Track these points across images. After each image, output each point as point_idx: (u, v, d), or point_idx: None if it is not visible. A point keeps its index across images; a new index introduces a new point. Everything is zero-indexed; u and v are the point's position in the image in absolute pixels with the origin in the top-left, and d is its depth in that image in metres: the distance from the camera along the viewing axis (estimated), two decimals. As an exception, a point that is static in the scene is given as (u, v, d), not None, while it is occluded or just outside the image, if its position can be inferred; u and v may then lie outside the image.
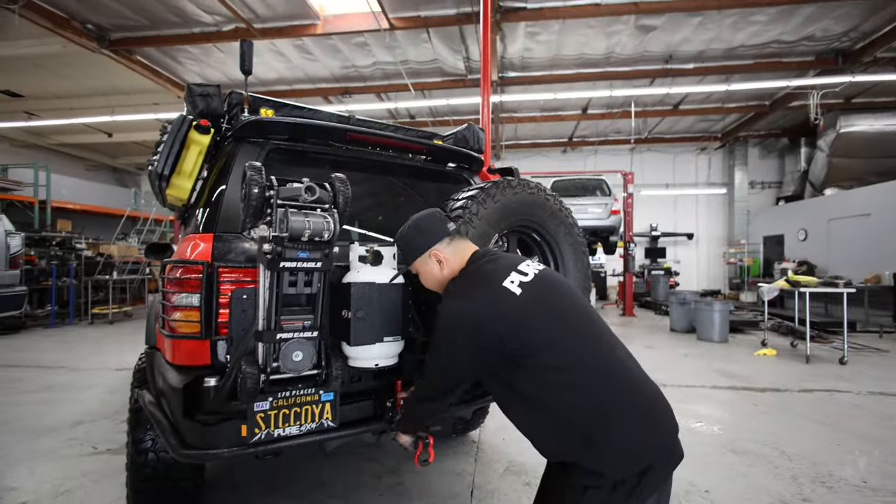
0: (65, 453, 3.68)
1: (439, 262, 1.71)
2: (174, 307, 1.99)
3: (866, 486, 3.25)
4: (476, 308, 1.48)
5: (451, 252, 1.71)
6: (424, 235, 1.73)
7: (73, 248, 12.39)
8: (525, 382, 1.44)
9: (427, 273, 1.76)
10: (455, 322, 1.50)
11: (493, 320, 1.43)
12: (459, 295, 1.57)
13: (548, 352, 1.42)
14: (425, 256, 1.72)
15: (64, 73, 11.36)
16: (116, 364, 6.76)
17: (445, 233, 1.72)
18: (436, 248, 1.71)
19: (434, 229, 1.73)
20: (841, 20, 9.06)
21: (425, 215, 1.78)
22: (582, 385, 1.39)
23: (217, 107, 2.51)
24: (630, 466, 1.32)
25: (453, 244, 1.73)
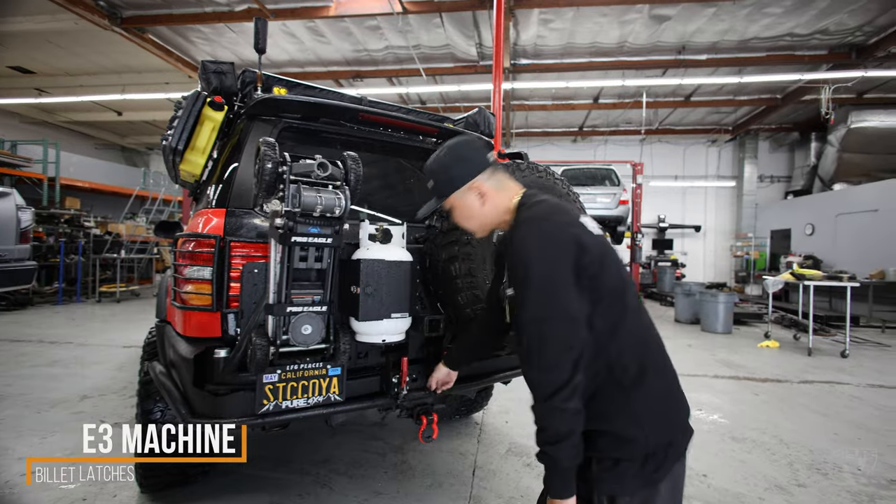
0: (72, 426, 3.75)
1: (481, 196, 1.49)
2: (186, 280, 2.02)
3: (860, 473, 3.32)
4: (566, 220, 1.33)
5: (493, 185, 1.49)
6: (464, 165, 1.50)
7: (81, 225, 12.49)
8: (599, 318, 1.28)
9: (464, 209, 1.53)
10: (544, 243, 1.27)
11: (583, 236, 1.30)
12: (539, 218, 1.34)
13: (612, 294, 1.31)
14: (464, 189, 1.50)
15: (75, 50, 11.34)
16: (123, 341, 6.87)
17: (487, 163, 1.50)
18: (478, 179, 1.48)
19: (475, 158, 1.51)
20: (856, 14, 8.91)
21: (464, 141, 1.56)
22: (632, 336, 1.33)
23: (231, 84, 2.53)
24: (661, 434, 1.28)
25: (496, 177, 1.51)
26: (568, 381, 1.18)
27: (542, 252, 1.26)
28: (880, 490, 3.09)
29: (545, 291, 1.23)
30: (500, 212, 1.50)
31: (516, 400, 4.56)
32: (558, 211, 1.36)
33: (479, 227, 1.57)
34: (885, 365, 6.54)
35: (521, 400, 4.58)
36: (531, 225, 1.32)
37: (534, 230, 1.30)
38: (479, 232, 1.59)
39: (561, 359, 1.20)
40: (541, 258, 1.25)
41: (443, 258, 2.20)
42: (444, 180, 1.52)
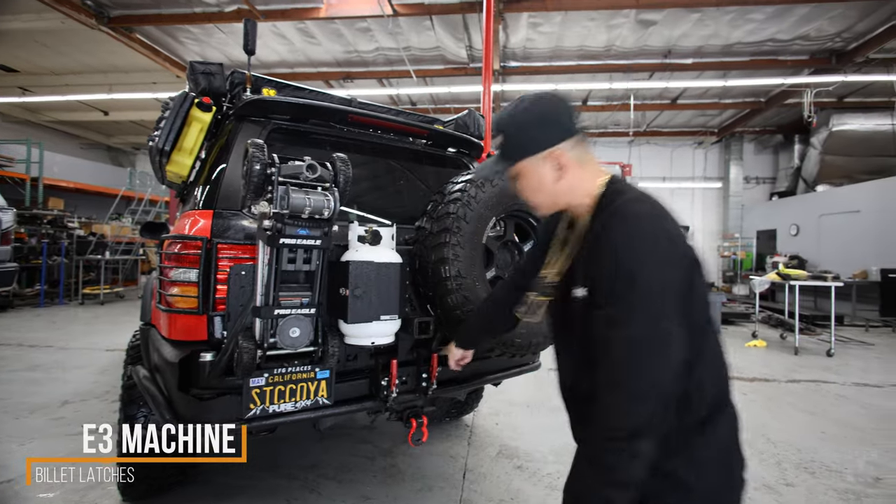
0: (53, 432, 3.68)
1: (559, 169, 1.22)
2: (172, 282, 1.99)
3: (847, 471, 3.36)
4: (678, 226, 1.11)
5: (576, 159, 1.23)
6: (548, 127, 1.22)
7: (64, 226, 12.31)
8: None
9: (535, 180, 1.26)
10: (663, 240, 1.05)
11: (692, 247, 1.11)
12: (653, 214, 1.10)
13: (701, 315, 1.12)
14: (539, 157, 1.23)
15: (61, 49, 11.15)
16: (107, 345, 6.76)
17: (574, 130, 1.22)
18: (561, 147, 1.21)
19: (563, 122, 1.22)
20: (835, 21, 9.09)
21: (551, 98, 1.24)
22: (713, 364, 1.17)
23: (220, 85, 2.51)
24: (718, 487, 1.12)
25: (580, 149, 1.23)
26: (653, 418, 0.98)
27: (657, 260, 1.02)
28: (867, 488, 3.13)
29: (654, 308, 1.00)
30: (577, 193, 1.24)
31: (506, 402, 4.56)
32: (669, 212, 1.13)
33: (547, 205, 1.31)
34: (869, 364, 6.66)
35: (511, 402, 4.58)
36: (641, 223, 1.07)
37: (646, 231, 1.05)
38: (544, 209, 1.34)
39: (655, 389, 0.99)
40: (654, 268, 1.01)
41: (432, 260, 2.19)
42: (518, 142, 1.24)
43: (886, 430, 4.16)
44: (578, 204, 1.26)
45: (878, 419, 4.43)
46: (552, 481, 3.08)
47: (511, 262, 2.63)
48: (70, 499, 2.77)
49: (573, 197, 1.25)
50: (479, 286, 2.24)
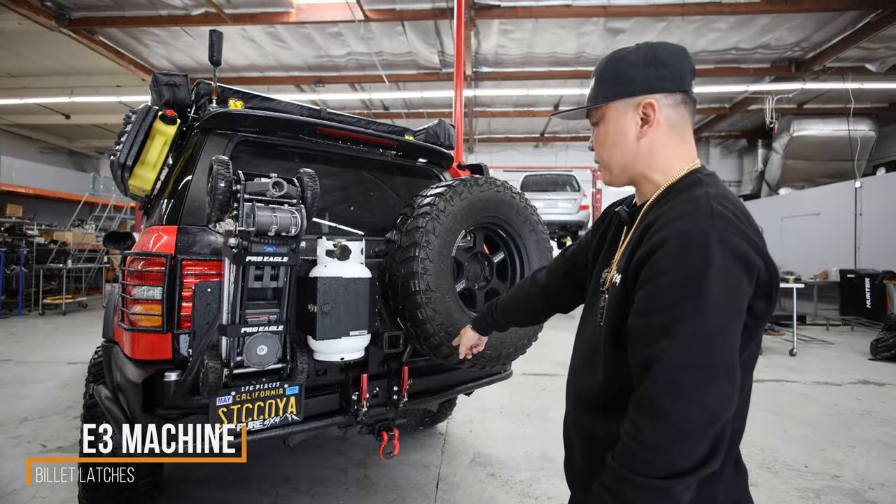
0: (10, 452, 3.53)
1: (645, 124, 1.06)
2: (134, 300, 1.95)
3: (808, 469, 3.46)
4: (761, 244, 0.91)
5: (673, 120, 1.06)
6: (654, 69, 1.05)
7: (23, 234, 11.85)
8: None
9: (616, 129, 1.10)
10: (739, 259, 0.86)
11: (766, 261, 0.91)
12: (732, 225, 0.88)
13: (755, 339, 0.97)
14: (631, 101, 1.07)
15: (17, 50, 10.73)
16: (68, 357, 6.53)
17: (683, 86, 1.06)
18: (658, 96, 1.04)
19: (675, 69, 1.05)
20: (793, 31, 9.46)
21: (669, 45, 1.08)
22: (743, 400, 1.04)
23: (184, 97, 2.47)
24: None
25: (683, 111, 1.07)
26: (701, 464, 0.82)
27: (729, 275, 0.84)
28: (826, 486, 3.23)
29: (715, 336, 0.83)
30: (655, 163, 1.07)
31: (480, 409, 4.58)
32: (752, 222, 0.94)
33: (617, 168, 1.14)
34: (829, 363, 6.87)
35: (485, 409, 4.60)
36: (720, 227, 0.87)
37: (724, 237, 0.86)
38: (614, 173, 1.16)
39: (706, 430, 0.82)
40: (725, 284, 0.83)
41: (402, 273, 2.20)
42: (613, 79, 1.08)
43: (845, 428, 4.29)
44: (651, 181, 1.09)
45: (838, 417, 4.56)
46: (525, 488, 3.10)
47: (481, 273, 2.66)
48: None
49: (649, 167, 1.08)
50: (448, 299, 2.25)
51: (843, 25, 9.13)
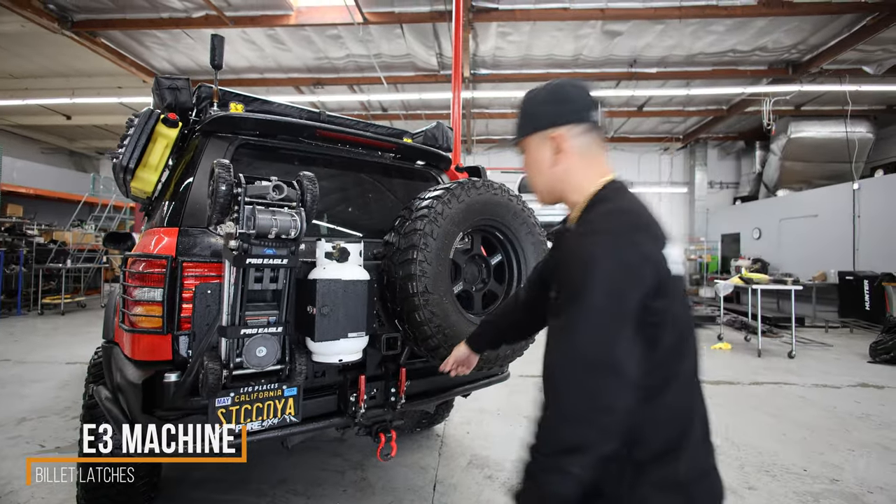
0: (8, 452, 3.54)
1: (556, 153, 1.21)
2: (135, 301, 1.97)
3: (806, 473, 3.46)
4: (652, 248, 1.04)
5: (580, 147, 1.20)
6: (559, 105, 1.22)
7: (23, 234, 11.89)
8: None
9: (534, 159, 1.27)
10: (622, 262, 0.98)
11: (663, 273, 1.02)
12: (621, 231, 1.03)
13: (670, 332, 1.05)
14: (543, 135, 1.23)
15: (20, 52, 10.78)
16: (67, 357, 6.56)
17: (585, 116, 1.20)
18: (564, 129, 1.20)
19: (576, 102, 1.21)
20: (790, 34, 9.49)
21: (573, 83, 1.24)
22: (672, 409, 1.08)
23: (186, 100, 2.49)
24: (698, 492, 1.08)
25: (589, 138, 1.21)
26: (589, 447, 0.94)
27: (611, 281, 0.96)
28: (825, 489, 3.23)
29: (600, 332, 0.95)
30: (571, 185, 1.21)
31: (478, 410, 4.59)
32: (645, 230, 1.06)
33: (543, 191, 1.29)
34: (828, 365, 6.87)
35: (482, 410, 4.61)
36: (605, 240, 1.01)
37: (608, 250, 0.99)
38: (541, 196, 1.30)
39: (592, 417, 0.94)
40: (607, 290, 0.96)
41: (400, 275, 2.22)
42: (527, 117, 1.27)
43: (844, 431, 4.29)
44: (571, 200, 1.22)
45: (837, 420, 4.57)
46: (522, 490, 3.11)
47: (478, 275, 2.68)
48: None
49: (566, 189, 1.23)
50: (446, 301, 2.27)
51: (840, 28, 9.17)
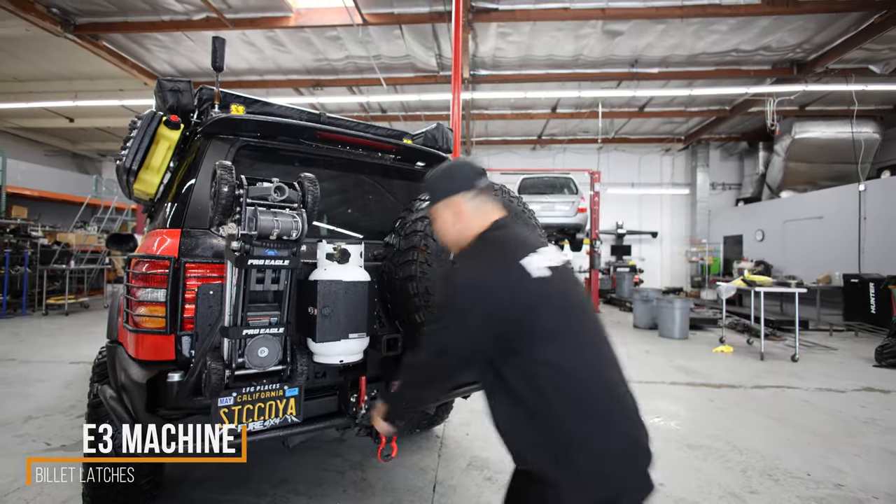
0: (15, 450, 3.58)
1: (456, 215, 1.56)
2: (139, 302, 1.99)
3: (810, 478, 3.42)
4: (489, 274, 1.36)
5: (471, 208, 1.56)
6: (450, 181, 1.59)
7: (28, 235, 11.96)
8: (514, 371, 1.33)
9: (440, 222, 1.63)
10: (466, 286, 1.37)
11: (504, 292, 1.32)
12: (474, 258, 1.47)
13: (546, 345, 1.31)
14: (444, 203, 1.59)
15: (24, 56, 10.90)
16: (71, 357, 6.61)
17: (472, 185, 1.57)
18: (457, 197, 1.56)
19: (462, 177, 1.58)
20: (795, 33, 9.45)
21: (459, 162, 1.66)
22: (570, 391, 1.28)
23: (188, 102, 2.50)
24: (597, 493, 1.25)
25: (477, 200, 1.57)
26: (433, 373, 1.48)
27: (455, 299, 1.38)
28: (829, 494, 3.20)
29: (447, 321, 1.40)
30: (466, 235, 1.56)
31: (477, 412, 4.60)
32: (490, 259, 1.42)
33: (452, 243, 1.63)
34: (832, 369, 6.79)
35: (481, 412, 4.59)
36: (469, 264, 1.46)
37: (467, 272, 1.42)
38: (451, 247, 1.65)
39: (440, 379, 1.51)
40: (453, 303, 1.38)
41: (400, 276, 2.23)
42: (431, 191, 1.65)
43: (849, 435, 4.23)
44: (467, 245, 1.56)
45: (841, 425, 4.51)
46: (522, 491, 3.12)
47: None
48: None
49: (465, 238, 1.56)
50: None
51: (846, 27, 9.11)
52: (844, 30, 9.22)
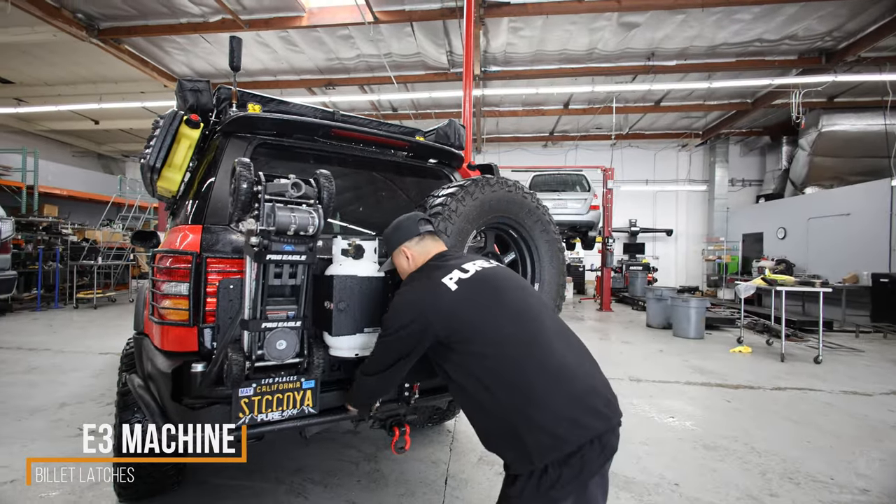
0: (52, 434, 3.76)
1: (407, 258, 1.93)
2: (163, 295, 2.06)
3: (833, 482, 3.30)
4: (414, 296, 1.73)
5: (417, 250, 1.93)
6: (399, 233, 1.96)
7: (59, 233, 12.48)
8: (454, 367, 1.64)
9: (398, 265, 1.99)
10: (397, 306, 1.74)
11: (427, 309, 1.66)
12: (405, 284, 1.86)
13: (473, 338, 1.60)
14: (398, 251, 1.95)
15: (52, 60, 11.33)
16: (100, 348, 6.85)
17: (416, 233, 1.94)
18: (405, 244, 1.94)
19: (407, 228, 1.96)
20: (825, 20, 9.15)
21: (405, 217, 2.01)
22: (502, 373, 1.53)
23: (207, 101, 2.57)
24: (551, 454, 1.42)
25: (421, 244, 1.95)
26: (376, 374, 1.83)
27: (389, 316, 1.75)
28: (853, 500, 3.09)
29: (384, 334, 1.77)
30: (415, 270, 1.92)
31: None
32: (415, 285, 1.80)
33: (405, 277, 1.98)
34: (858, 371, 6.54)
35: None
36: (404, 289, 1.82)
37: (393, 299, 1.79)
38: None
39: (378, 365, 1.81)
40: (388, 319, 1.75)
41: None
42: (387, 243, 2.00)
43: (875, 440, 4.08)
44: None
45: (866, 428, 4.36)
46: (533, 486, 3.14)
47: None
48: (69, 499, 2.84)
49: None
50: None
51: (881, 12, 8.80)
52: (879, 15, 8.90)
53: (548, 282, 2.76)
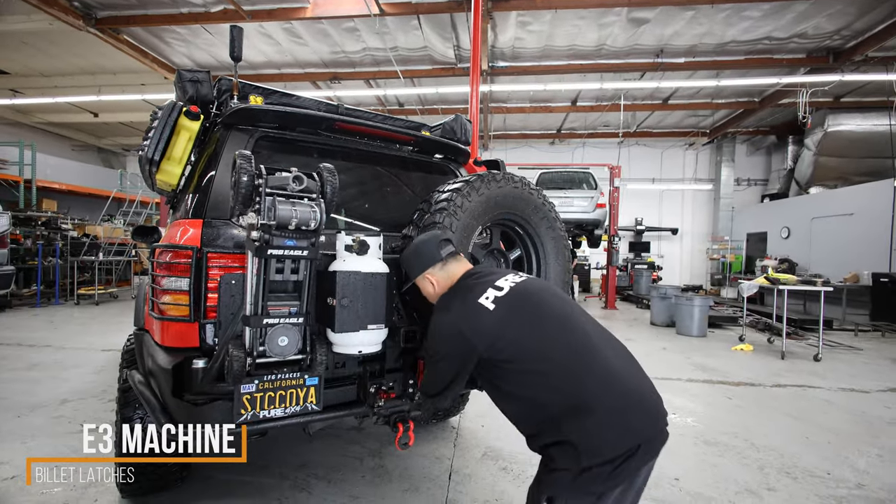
0: (53, 430, 3.74)
1: (432, 284, 1.92)
2: (164, 290, 2.03)
3: (830, 476, 3.36)
4: (452, 320, 1.71)
5: (442, 276, 1.92)
6: (420, 259, 1.94)
7: (58, 228, 12.37)
8: (506, 382, 1.63)
9: (424, 290, 1.99)
10: (438, 332, 1.75)
11: (468, 332, 1.64)
12: (441, 309, 1.81)
13: (521, 356, 1.59)
14: (421, 277, 1.94)
15: (50, 51, 11.17)
16: (102, 344, 6.82)
17: (438, 258, 1.92)
18: (428, 271, 1.92)
19: (428, 254, 1.93)
20: (834, 18, 9.08)
21: (423, 240, 1.98)
22: (554, 383, 1.53)
23: (207, 93, 2.52)
24: (600, 457, 1.42)
25: (445, 268, 1.92)
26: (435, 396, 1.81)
27: (433, 344, 1.76)
28: (849, 494, 3.13)
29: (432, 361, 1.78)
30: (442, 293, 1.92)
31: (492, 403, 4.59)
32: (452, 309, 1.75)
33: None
34: (857, 369, 6.62)
35: (498, 404, 4.62)
36: (432, 319, 1.81)
37: (431, 326, 1.79)
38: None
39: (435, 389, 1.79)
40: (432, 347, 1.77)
41: (418, 269, 2.23)
42: (408, 269, 2.00)
43: (871, 436, 4.14)
44: None
45: (864, 424, 4.42)
46: (537, 483, 3.13)
47: (497, 268, 2.69)
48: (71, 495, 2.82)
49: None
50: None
51: (890, 11, 8.75)
52: (888, 14, 8.85)
53: (553, 279, 2.73)
